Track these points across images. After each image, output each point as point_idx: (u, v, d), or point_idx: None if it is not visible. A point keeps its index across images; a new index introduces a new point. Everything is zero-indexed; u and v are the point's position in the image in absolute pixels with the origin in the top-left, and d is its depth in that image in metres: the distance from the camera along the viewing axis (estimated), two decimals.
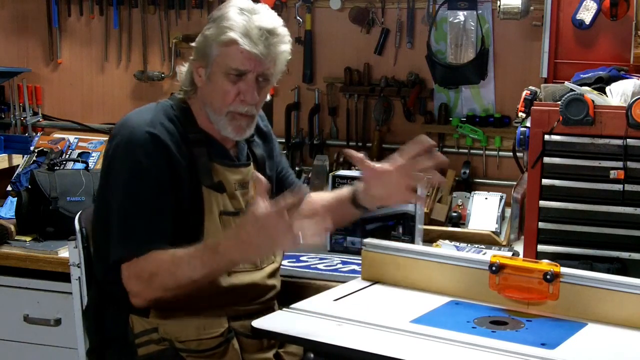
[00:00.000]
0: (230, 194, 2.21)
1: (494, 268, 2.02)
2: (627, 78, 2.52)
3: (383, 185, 2.22)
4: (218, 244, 1.99)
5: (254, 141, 2.35)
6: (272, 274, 2.28)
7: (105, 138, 3.46)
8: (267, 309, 2.25)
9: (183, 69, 2.27)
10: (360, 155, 2.23)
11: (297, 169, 3.45)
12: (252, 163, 2.31)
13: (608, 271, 2.25)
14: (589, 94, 2.40)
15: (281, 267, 2.58)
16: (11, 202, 3.20)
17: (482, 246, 2.85)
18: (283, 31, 2.18)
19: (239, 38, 2.11)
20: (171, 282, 2.04)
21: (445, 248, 2.77)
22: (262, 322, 1.90)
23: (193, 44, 2.23)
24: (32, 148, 3.45)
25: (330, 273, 2.60)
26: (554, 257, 2.35)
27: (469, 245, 2.85)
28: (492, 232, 2.98)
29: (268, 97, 2.28)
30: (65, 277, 2.60)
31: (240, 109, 2.17)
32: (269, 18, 2.16)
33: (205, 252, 2.00)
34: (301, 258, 2.74)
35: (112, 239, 2.11)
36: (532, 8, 3.11)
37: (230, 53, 2.13)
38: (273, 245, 1.98)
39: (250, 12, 2.14)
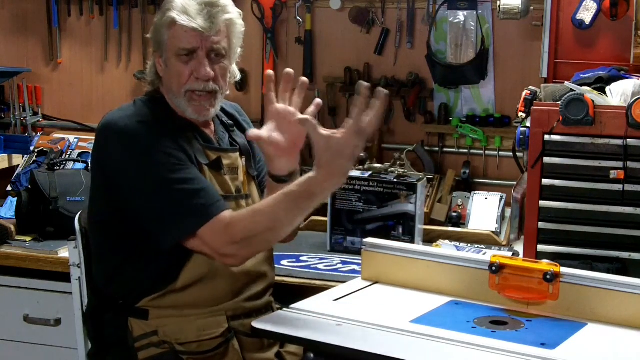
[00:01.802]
0: (220, 176, 2.21)
1: (494, 268, 2.02)
2: (627, 78, 2.52)
3: (286, 129, 2.16)
4: (310, 187, 1.96)
5: (235, 131, 2.36)
6: (263, 260, 2.27)
7: None
8: (265, 308, 2.26)
9: (149, 65, 2.28)
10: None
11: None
12: (238, 150, 2.31)
13: (608, 271, 2.25)
14: (589, 94, 2.40)
15: (281, 267, 2.60)
16: (11, 202, 3.20)
17: (482, 246, 2.85)
18: (225, 1, 2.18)
19: (177, 16, 2.12)
20: (273, 237, 2.06)
21: (445, 248, 2.77)
22: (262, 322, 1.90)
23: (147, 36, 2.24)
24: (32, 148, 3.45)
25: (330, 273, 2.60)
26: (554, 257, 2.35)
27: (469, 245, 2.86)
28: (492, 232, 2.98)
29: (238, 76, 2.28)
30: (65, 277, 2.60)
31: (196, 86, 2.16)
32: None
33: (299, 199, 1.98)
34: (301, 258, 2.74)
35: (164, 225, 2.06)
36: (532, 8, 3.10)
37: (176, 34, 2.14)
38: (351, 165, 1.96)
39: None
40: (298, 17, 3.47)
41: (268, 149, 2.17)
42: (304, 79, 2.19)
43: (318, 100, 2.18)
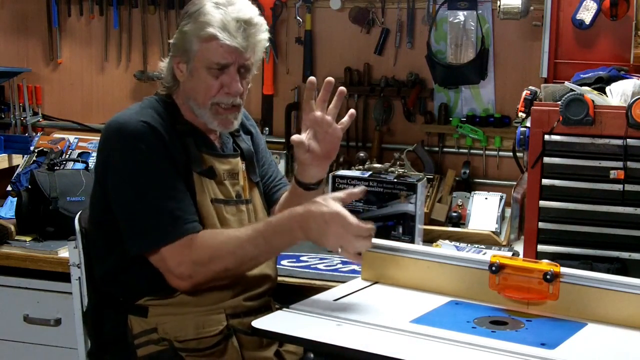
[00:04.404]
0: (219, 181, 2.22)
1: (494, 268, 2.02)
2: (627, 78, 2.52)
3: (322, 138, 2.18)
4: (282, 223, 2.06)
5: (240, 136, 2.37)
6: (266, 263, 2.26)
7: None
8: (264, 306, 2.26)
9: (162, 64, 2.28)
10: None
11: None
12: (239, 156, 2.32)
13: (608, 271, 2.25)
14: (589, 94, 2.40)
15: (281, 267, 2.60)
16: (11, 202, 3.20)
17: (482, 246, 2.85)
18: (260, 20, 2.20)
19: (218, 33, 2.13)
20: (233, 263, 2.08)
21: (445, 248, 2.77)
22: (262, 322, 1.90)
23: (170, 41, 2.25)
24: (32, 148, 3.45)
25: (330, 273, 2.60)
26: (554, 257, 2.35)
27: (469, 245, 2.86)
28: (492, 232, 2.98)
29: (250, 85, 2.30)
30: (65, 277, 2.60)
31: (225, 100, 2.18)
32: (244, 9, 2.18)
33: (268, 229, 2.06)
34: (301, 258, 2.74)
35: (133, 232, 2.10)
36: (532, 8, 3.11)
37: (211, 48, 2.14)
38: (322, 242, 2.03)
39: (226, 4, 2.16)
40: (298, 17, 3.48)
41: (304, 157, 2.18)
42: (343, 88, 2.21)
43: (352, 111, 2.23)
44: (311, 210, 2.02)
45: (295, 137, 2.16)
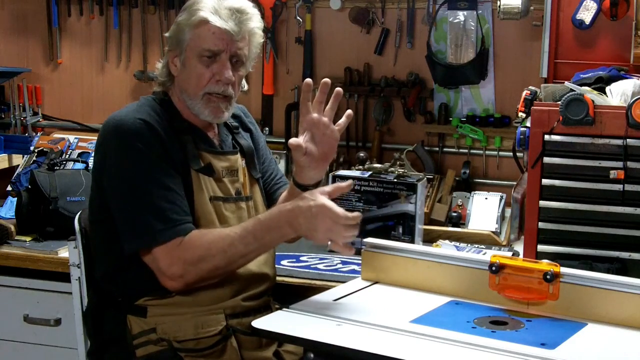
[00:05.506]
0: (218, 178, 2.23)
1: (494, 268, 2.02)
2: (627, 78, 2.52)
3: (319, 140, 2.17)
4: (271, 220, 2.08)
5: (240, 133, 2.37)
6: (264, 262, 2.28)
7: None
8: (264, 306, 2.27)
9: (160, 65, 2.29)
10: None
11: None
12: (238, 153, 2.33)
13: (608, 271, 2.25)
14: (589, 94, 2.40)
15: (281, 267, 2.60)
16: (11, 202, 3.20)
17: (482, 246, 2.85)
18: (253, 11, 2.22)
19: (209, 16, 2.14)
20: (223, 262, 2.09)
21: (445, 248, 2.77)
22: (262, 322, 1.90)
23: (166, 34, 2.27)
24: (32, 148, 3.45)
25: (330, 273, 2.60)
26: (554, 257, 2.35)
27: (469, 245, 2.86)
28: (492, 232, 2.98)
29: (245, 87, 2.29)
30: (65, 277, 2.60)
31: (215, 89, 2.19)
32: (240, 0, 2.20)
33: (257, 227, 2.08)
34: (301, 258, 2.74)
35: (127, 230, 2.10)
36: (532, 8, 3.11)
37: (202, 34, 2.16)
38: (311, 236, 2.06)
39: None
40: (298, 17, 3.48)
41: (302, 159, 2.18)
42: (339, 89, 2.20)
43: (349, 112, 2.23)
44: (299, 205, 2.04)
45: (292, 140, 2.16)
